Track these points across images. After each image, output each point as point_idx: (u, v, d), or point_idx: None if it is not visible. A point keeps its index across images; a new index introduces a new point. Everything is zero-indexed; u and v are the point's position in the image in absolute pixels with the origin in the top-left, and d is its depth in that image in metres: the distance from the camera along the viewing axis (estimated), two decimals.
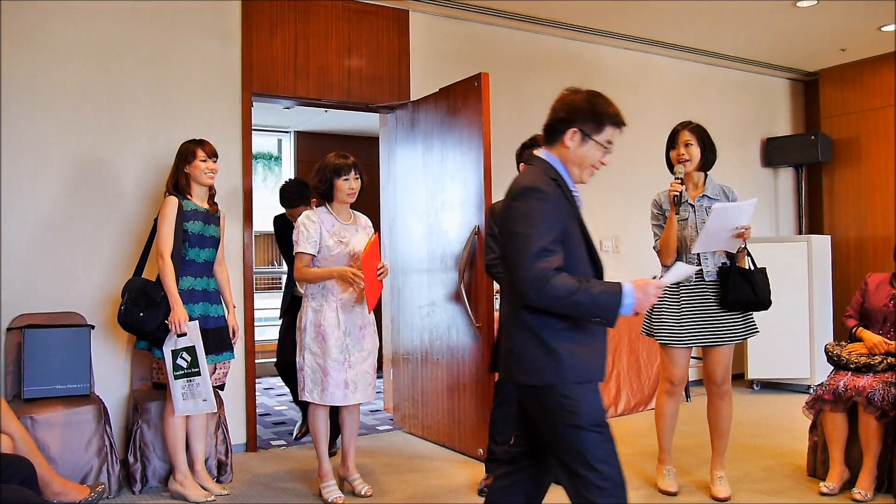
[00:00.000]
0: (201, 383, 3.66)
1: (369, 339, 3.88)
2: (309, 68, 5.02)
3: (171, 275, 3.64)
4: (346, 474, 3.98)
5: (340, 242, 3.80)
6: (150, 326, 3.64)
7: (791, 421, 5.20)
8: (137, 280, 3.80)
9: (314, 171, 3.90)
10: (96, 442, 3.78)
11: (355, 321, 3.82)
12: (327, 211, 3.87)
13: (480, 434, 4.45)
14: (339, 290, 3.78)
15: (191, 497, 3.79)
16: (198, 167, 3.81)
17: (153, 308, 3.64)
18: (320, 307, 3.77)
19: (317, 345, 3.75)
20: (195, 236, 3.78)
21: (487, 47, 5.80)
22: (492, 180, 4.40)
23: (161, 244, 3.68)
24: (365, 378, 3.83)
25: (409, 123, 5.21)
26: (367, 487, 3.91)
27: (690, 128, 3.77)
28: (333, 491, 3.81)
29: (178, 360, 3.64)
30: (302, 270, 3.77)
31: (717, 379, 3.76)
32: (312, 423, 3.85)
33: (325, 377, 3.73)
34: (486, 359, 4.38)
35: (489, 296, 4.42)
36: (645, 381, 5.82)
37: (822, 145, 7.22)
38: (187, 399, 3.67)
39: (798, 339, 6.28)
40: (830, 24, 6.22)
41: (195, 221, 3.79)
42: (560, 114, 2.52)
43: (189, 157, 3.81)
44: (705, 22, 6.08)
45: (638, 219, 6.44)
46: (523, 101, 5.93)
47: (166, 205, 3.74)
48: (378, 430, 5.31)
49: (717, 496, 3.74)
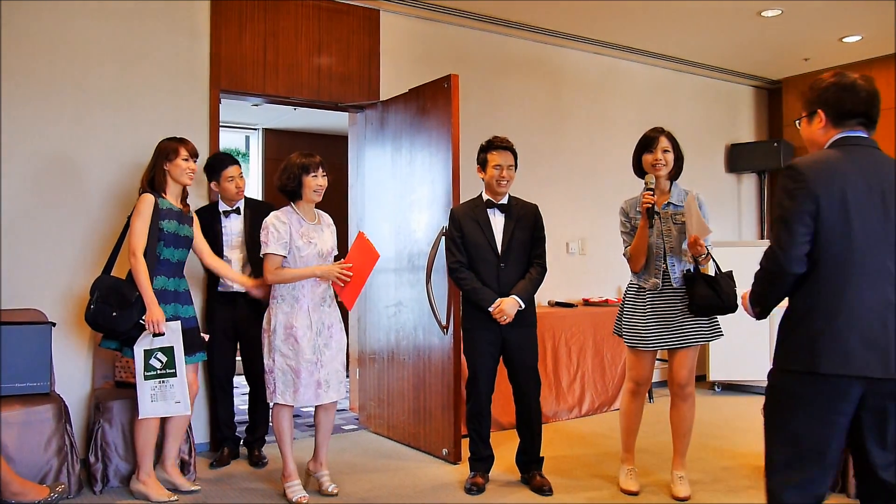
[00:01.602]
0: (176, 385, 3.62)
1: (338, 336, 3.87)
2: (278, 66, 5.00)
3: (145, 273, 3.58)
4: (316, 470, 3.98)
5: (310, 243, 3.79)
6: (124, 326, 3.58)
7: (750, 422, 5.30)
8: (109, 279, 3.72)
9: (279, 171, 3.86)
10: (56, 441, 3.72)
11: (324, 320, 3.81)
12: (293, 211, 3.84)
13: (445, 434, 4.48)
14: (309, 290, 3.77)
15: (153, 497, 3.74)
16: (179, 166, 3.77)
17: (127, 308, 3.57)
18: (291, 308, 3.74)
19: (287, 346, 3.72)
20: (170, 235, 3.72)
21: (458, 49, 5.83)
22: (460, 182, 4.42)
23: (134, 242, 3.61)
24: (336, 376, 3.83)
25: (378, 123, 5.21)
26: (333, 486, 3.91)
27: (667, 134, 3.81)
28: (298, 490, 3.80)
29: (152, 361, 3.59)
30: (275, 272, 3.72)
31: (680, 381, 3.82)
32: (277, 423, 3.82)
33: (297, 379, 3.71)
34: (452, 359, 4.40)
35: (456, 296, 4.44)
36: (609, 382, 5.89)
37: (784, 152, 7.35)
38: (156, 401, 3.62)
39: (758, 342, 6.39)
40: (794, 34, 6.34)
41: (170, 221, 3.73)
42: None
43: (171, 154, 3.76)
44: (672, 28, 6.17)
45: (604, 222, 6.52)
46: (493, 104, 5.96)
47: (142, 202, 3.67)
48: (343, 430, 5.31)
49: (678, 496, 3.80)
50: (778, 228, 2.27)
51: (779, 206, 2.28)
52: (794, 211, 2.23)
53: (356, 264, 3.81)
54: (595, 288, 6.50)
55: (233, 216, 4.45)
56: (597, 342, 5.84)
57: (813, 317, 2.24)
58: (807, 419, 2.26)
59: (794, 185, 2.24)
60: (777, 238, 2.27)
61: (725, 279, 3.68)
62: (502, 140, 4.00)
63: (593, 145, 6.61)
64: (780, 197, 2.29)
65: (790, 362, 2.30)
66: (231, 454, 4.49)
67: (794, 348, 2.28)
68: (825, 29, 6.22)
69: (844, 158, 2.29)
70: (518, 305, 3.87)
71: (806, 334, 2.25)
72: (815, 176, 2.23)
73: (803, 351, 2.25)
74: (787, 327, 2.34)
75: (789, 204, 2.24)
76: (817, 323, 2.23)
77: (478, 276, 3.93)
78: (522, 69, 6.18)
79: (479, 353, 3.95)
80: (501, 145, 3.98)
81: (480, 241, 3.95)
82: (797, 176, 2.25)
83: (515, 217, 4.00)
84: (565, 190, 6.33)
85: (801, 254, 2.23)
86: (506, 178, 3.95)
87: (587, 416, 5.71)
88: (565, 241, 6.31)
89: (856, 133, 2.35)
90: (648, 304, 3.80)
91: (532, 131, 6.10)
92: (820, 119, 2.39)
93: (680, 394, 3.84)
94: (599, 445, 4.86)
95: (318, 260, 3.80)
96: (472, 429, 4.02)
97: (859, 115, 2.34)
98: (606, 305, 6.08)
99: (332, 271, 3.75)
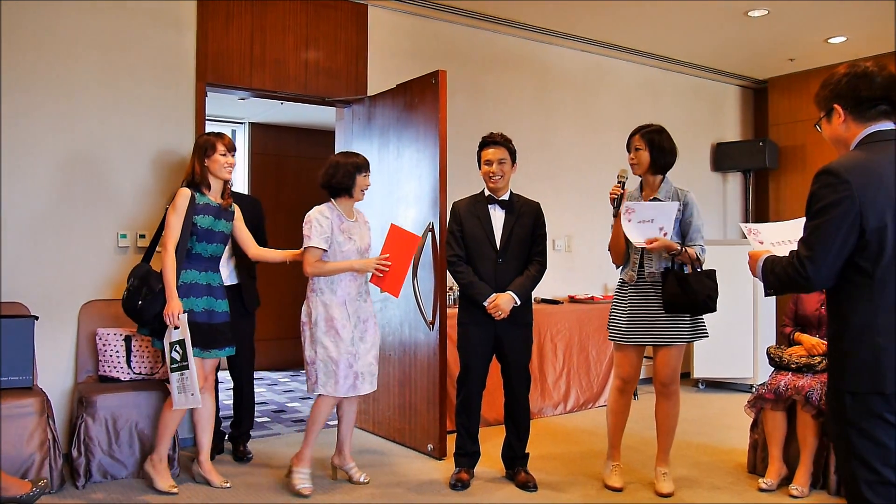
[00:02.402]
0: (189, 377, 3.64)
1: (372, 330, 3.94)
2: (265, 60, 4.98)
3: (171, 267, 3.62)
4: (342, 463, 4.05)
5: (349, 239, 3.86)
6: (148, 315, 3.64)
7: (733, 419, 5.33)
8: (143, 267, 3.78)
9: (327, 168, 3.92)
10: (39, 435, 3.69)
11: (360, 314, 3.88)
12: (334, 207, 3.91)
13: (431, 430, 4.48)
14: (347, 284, 3.83)
15: (157, 484, 3.78)
16: (217, 161, 3.81)
17: (151, 297, 3.63)
18: (329, 301, 3.81)
19: (329, 338, 3.78)
20: (203, 230, 3.76)
21: (446, 45, 5.82)
22: (447, 177, 4.42)
23: (167, 235, 3.67)
24: (370, 369, 3.90)
25: (365, 118, 5.19)
26: (364, 475, 3.99)
27: (641, 133, 3.82)
28: (305, 479, 3.84)
29: (173, 354, 3.63)
30: (315, 265, 3.80)
31: (663, 379, 3.82)
32: (316, 410, 3.87)
33: (337, 370, 3.78)
34: (438, 355, 4.40)
35: (443, 292, 4.44)
36: (594, 379, 5.91)
37: (769, 152, 7.41)
38: (181, 392, 3.66)
39: (742, 340, 6.44)
40: (780, 35, 6.38)
41: (206, 216, 3.77)
42: None
43: (209, 150, 3.80)
44: (660, 27, 6.19)
45: (591, 218, 6.54)
46: (480, 100, 5.96)
47: (179, 196, 3.72)
48: (329, 425, 5.28)
49: (661, 492, 3.82)
50: (813, 240, 2.11)
51: (815, 214, 2.12)
52: (835, 221, 2.07)
53: (393, 254, 3.85)
54: (581, 285, 6.52)
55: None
56: (582, 339, 5.86)
57: (871, 334, 2.09)
58: (885, 438, 2.10)
59: (837, 194, 2.07)
60: (811, 249, 2.11)
61: (699, 278, 3.63)
62: (495, 136, 4.01)
63: (580, 142, 6.62)
64: (817, 204, 2.12)
65: (853, 384, 2.12)
66: (215, 449, 4.46)
67: (856, 369, 2.12)
68: (811, 29, 6.26)
69: (882, 160, 2.13)
70: (514, 301, 3.87)
71: (868, 353, 2.10)
72: (859, 183, 2.07)
73: (866, 371, 2.10)
74: (843, 347, 2.16)
75: (830, 212, 2.07)
76: (877, 340, 2.07)
77: (475, 270, 3.93)
78: (510, 66, 6.18)
79: (472, 348, 3.95)
80: (493, 140, 3.99)
81: (479, 235, 3.96)
82: (839, 184, 2.08)
83: (516, 214, 4.00)
84: (552, 187, 6.34)
85: (834, 270, 2.10)
86: (497, 172, 3.95)
87: (572, 412, 5.73)
88: (552, 237, 6.30)
89: (884, 126, 2.20)
90: (631, 299, 3.81)
91: (519, 128, 6.09)
92: (839, 114, 2.26)
93: (664, 392, 3.85)
94: (584, 442, 4.88)
95: (357, 256, 3.87)
96: (460, 424, 4.03)
97: (879, 102, 2.19)
98: (592, 302, 6.10)
99: (370, 264, 3.82)
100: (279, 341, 7.66)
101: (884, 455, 2.09)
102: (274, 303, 7.64)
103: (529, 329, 4.05)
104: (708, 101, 7.71)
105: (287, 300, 7.68)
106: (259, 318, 4.67)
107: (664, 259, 3.75)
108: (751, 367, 6.42)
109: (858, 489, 2.15)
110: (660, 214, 3.63)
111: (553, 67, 6.47)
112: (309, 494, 3.79)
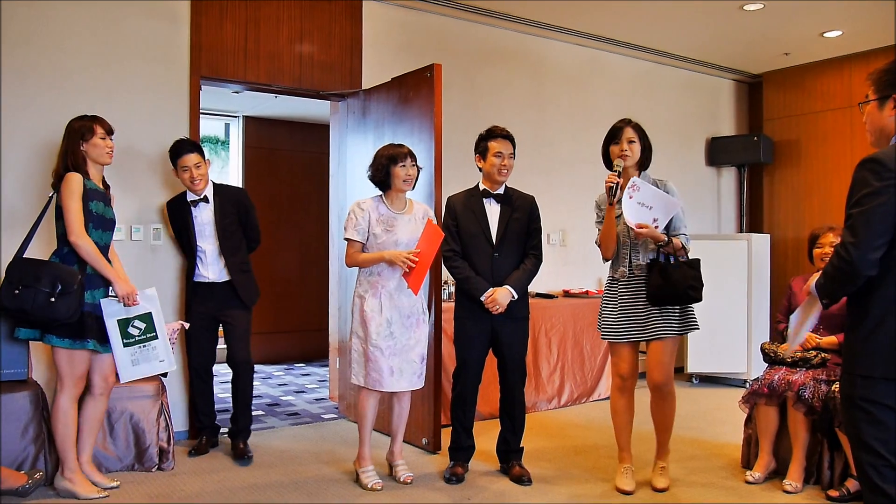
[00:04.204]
0: (159, 345, 3.69)
1: (418, 327, 3.92)
2: (259, 53, 4.96)
3: (97, 251, 3.51)
4: (392, 459, 4.05)
5: (387, 231, 3.84)
6: (65, 312, 3.38)
7: (727, 414, 5.35)
8: (36, 261, 3.48)
9: (371, 162, 3.92)
10: (34, 428, 3.68)
11: (402, 309, 3.86)
12: (380, 200, 3.91)
13: (425, 423, 4.48)
14: (387, 277, 3.83)
15: (81, 494, 3.59)
16: (97, 145, 3.62)
17: (68, 293, 3.38)
18: (366, 293, 3.86)
19: (362, 329, 3.84)
20: (98, 217, 3.59)
21: (441, 38, 5.81)
22: (442, 171, 4.42)
23: (76, 222, 3.45)
24: (411, 366, 3.88)
25: (360, 112, 5.18)
26: (408, 475, 3.96)
27: (633, 125, 3.78)
28: (372, 476, 3.88)
29: (129, 329, 3.62)
30: (352, 256, 3.88)
31: (655, 378, 3.76)
32: (359, 406, 3.94)
33: (367, 362, 3.81)
34: (433, 349, 4.40)
35: (437, 286, 4.44)
36: (588, 373, 5.92)
37: (764, 146, 7.42)
38: (138, 364, 3.65)
39: (736, 335, 6.45)
40: (775, 29, 6.38)
41: (97, 202, 3.59)
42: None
43: (86, 134, 3.60)
44: (654, 21, 6.18)
45: (585, 213, 6.52)
46: (475, 93, 5.95)
47: (72, 180, 3.49)
48: (323, 419, 5.30)
49: (656, 486, 3.82)
50: (858, 225, 2.15)
51: (858, 202, 2.16)
52: (879, 209, 2.11)
53: (423, 250, 3.80)
54: (575, 279, 6.53)
55: (201, 205, 4.31)
56: (577, 333, 5.86)
57: (889, 322, 2.15)
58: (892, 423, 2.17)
59: (882, 181, 2.11)
60: (855, 235, 2.15)
61: (681, 268, 3.60)
62: (502, 129, 3.99)
63: (575, 136, 6.62)
64: (862, 191, 2.16)
65: (866, 368, 2.19)
66: (209, 443, 4.46)
67: (871, 353, 2.18)
68: (806, 24, 6.26)
69: None
70: (511, 296, 3.87)
71: (885, 339, 2.16)
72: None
73: (880, 356, 2.16)
74: (861, 333, 2.22)
75: (876, 199, 2.11)
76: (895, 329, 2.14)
77: (472, 265, 3.93)
78: (505, 60, 6.17)
79: (469, 342, 3.95)
80: (502, 134, 3.97)
81: (475, 230, 3.95)
82: (884, 172, 2.12)
83: (512, 207, 3.99)
84: (547, 181, 6.34)
85: (878, 256, 2.14)
86: (506, 166, 3.94)
87: (566, 406, 5.74)
88: (546, 232, 6.28)
89: None
90: (620, 295, 3.79)
91: (514, 122, 6.07)
92: (893, 105, 2.24)
93: (657, 392, 3.79)
94: (578, 437, 4.89)
95: (394, 248, 3.83)
96: (455, 418, 4.03)
97: None
98: (587, 297, 6.11)
99: (399, 256, 3.76)
100: (273, 335, 7.65)
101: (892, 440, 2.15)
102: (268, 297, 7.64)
103: (526, 323, 4.05)
104: (703, 95, 7.71)
105: (281, 294, 7.68)
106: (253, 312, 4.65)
107: (650, 251, 3.71)
108: (745, 361, 6.43)
109: (866, 473, 2.21)
110: (660, 205, 3.58)
111: (547, 61, 6.46)
112: (381, 488, 3.82)
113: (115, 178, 4.41)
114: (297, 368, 7.41)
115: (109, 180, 3.86)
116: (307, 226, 7.67)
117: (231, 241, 4.34)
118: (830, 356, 3.96)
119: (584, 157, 6.60)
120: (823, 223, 4.40)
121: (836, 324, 4.04)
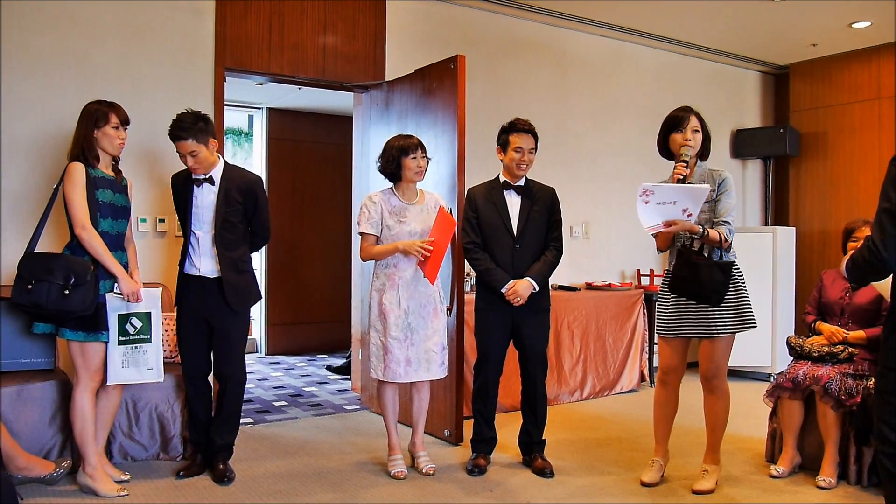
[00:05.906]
0: (150, 351, 3.59)
1: (435, 317, 3.94)
2: (283, 45, 4.97)
3: (103, 244, 3.43)
4: (414, 450, 4.07)
5: (400, 222, 3.87)
6: (79, 305, 3.34)
7: (751, 408, 5.31)
8: (48, 255, 3.45)
9: (381, 154, 3.95)
10: (60, 417, 3.73)
11: (419, 299, 3.89)
12: (392, 192, 3.94)
13: (448, 415, 4.49)
14: (403, 268, 3.85)
15: (101, 492, 3.53)
16: (109, 134, 3.51)
17: (81, 284, 3.34)
18: (383, 286, 3.90)
19: (380, 322, 3.88)
20: (107, 206, 3.50)
21: (464, 30, 5.79)
22: (465, 163, 4.41)
23: (80, 214, 3.38)
24: (429, 356, 3.90)
25: (383, 104, 5.18)
26: (431, 466, 3.98)
27: (696, 114, 3.67)
28: (399, 465, 3.93)
29: (126, 326, 3.54)
30: (366, 249, 3.91)
31: (705, 373, 3.68)
32: (379, 399, 3.99)
33: (386, 354, 3.84)
34: (455, 340, 4.40)
35: (460, 277, 4.44)
36: (611, 366, 5.90)
37: (790, 139, 7.32)
38: (127, 367, 3.55)
39: (761, 328, 6.30)
40: (803, 20, 6.29)
41: (105, 190, 3.50)
42: None
43: (100, 120, 3.49)
44: (680, 12, 6.12)
45: (608, 205, 6.52)
46: (499, 85, 5.93)
47: (74, 171, 3.41)
48: (346, 410, 5.32)
49: (694, 488, 3.69)
50: (884, 222, 2.17)
51: (886, 197, 2.17)
52: None
53: (437, 239, 3.80)
54: (598, 272, 6.50)
55: (205, 186, 3.78)
56: (599, 326, 5.84)
57: None
58: None
59: None
60: (882, 232, 2.17)
61: (712, 270, 3.46)
62: (525, 123, 3.96)
63: (598, 129, 6.58)
64: (890, 188, 2.17)
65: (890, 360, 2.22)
66: (205, 463, 3.91)
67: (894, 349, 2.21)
68: (834, 14, 6.16)
69: None
70: (532, 288, 3.86)
71: None
72: None
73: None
74: (888, 326, 2.27)
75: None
76: None
77: (492, 257, 3.92)
78: (529, 51, 6.14)
79: (490, 334, 3.95)
80: (524, 128, 3.94)
81: (496, 222, 3.94)
82: None
83: (532, 199, 3.98)
84: (570, 173, 6.31)
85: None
86: (526, 161, 3.93)
87: (588, 399, 5.72)
88: (569, 224, 6.29)
89: None
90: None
91: (537, 114, 6.04)
92: None
93: (707, 386, 3.71)
94: (601, 429, 4.88)
95: (408, 238, 3.85)
96: (477, 410, 4.03)
97: None
98: (609, 289, 6.08)
99: (413, 245, 3.77)
100: (294, 326, 7.70)
101: None
102: (289, 288, 7.69)
103: (547, 314, 4.04)
104: (728, 86, 7.63)
105: (304, 285, 7.73)
106: (273, 304, 4.62)
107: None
108: (769, 355, 6.37)
109: (881, 461, 2.26)
110: (685, 196, 3.37)
111: (571, 53, 6.42)
112: (404, 477, 3.86)
113: (140, 168, 4.46)
114: (319, 360, 7.44)
115: (134, 172, 3.87)
116: (330, 217, 7.70)
117: (230, 233, 3.77)
118: (858, 351, 3.91)
119: (607, 150, 6.56)
120: (850, 216, 4.34)
121: (865, 318, 3.99)
